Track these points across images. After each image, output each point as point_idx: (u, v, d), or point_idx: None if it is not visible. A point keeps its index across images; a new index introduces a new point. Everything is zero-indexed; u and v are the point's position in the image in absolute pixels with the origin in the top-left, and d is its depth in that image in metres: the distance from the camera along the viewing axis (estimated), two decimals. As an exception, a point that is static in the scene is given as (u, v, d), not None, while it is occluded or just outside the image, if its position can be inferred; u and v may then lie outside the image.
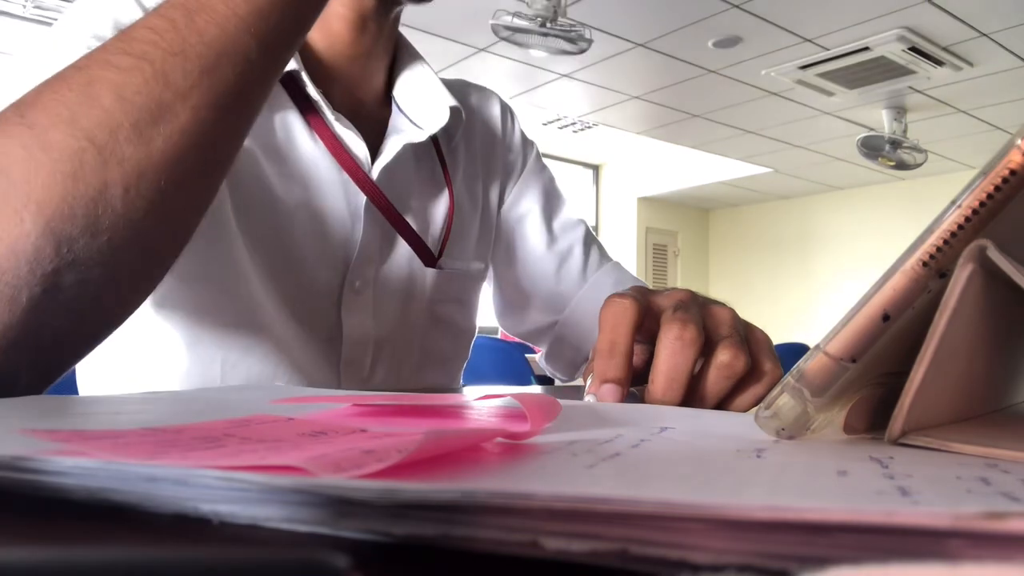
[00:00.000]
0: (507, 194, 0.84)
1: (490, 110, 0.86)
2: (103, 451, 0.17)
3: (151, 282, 0.44)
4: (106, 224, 0.38)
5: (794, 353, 2.60)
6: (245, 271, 0.61)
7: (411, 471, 0.18)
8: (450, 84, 0.78)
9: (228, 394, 0.40)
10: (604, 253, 0.86)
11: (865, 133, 4.57)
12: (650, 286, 0.56)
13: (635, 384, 0.49)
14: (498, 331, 2.69)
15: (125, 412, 0.30)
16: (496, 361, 2.50)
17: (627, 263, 1.40)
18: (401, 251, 0.70)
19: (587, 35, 3.00)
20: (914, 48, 3.53)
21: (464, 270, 0.76)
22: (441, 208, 0.75)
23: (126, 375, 0.62)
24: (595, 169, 6.72)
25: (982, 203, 0.23)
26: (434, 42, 3.56)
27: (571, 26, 2.99)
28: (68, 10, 0.59)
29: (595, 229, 6.57)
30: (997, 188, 0.23)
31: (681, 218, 7.13)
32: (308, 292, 0.65)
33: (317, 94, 0.65)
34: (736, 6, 3.24)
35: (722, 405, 0.46)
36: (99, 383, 0.64)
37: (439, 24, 3.46)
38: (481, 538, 0.13)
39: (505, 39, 3.11)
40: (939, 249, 0.24)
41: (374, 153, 0.68)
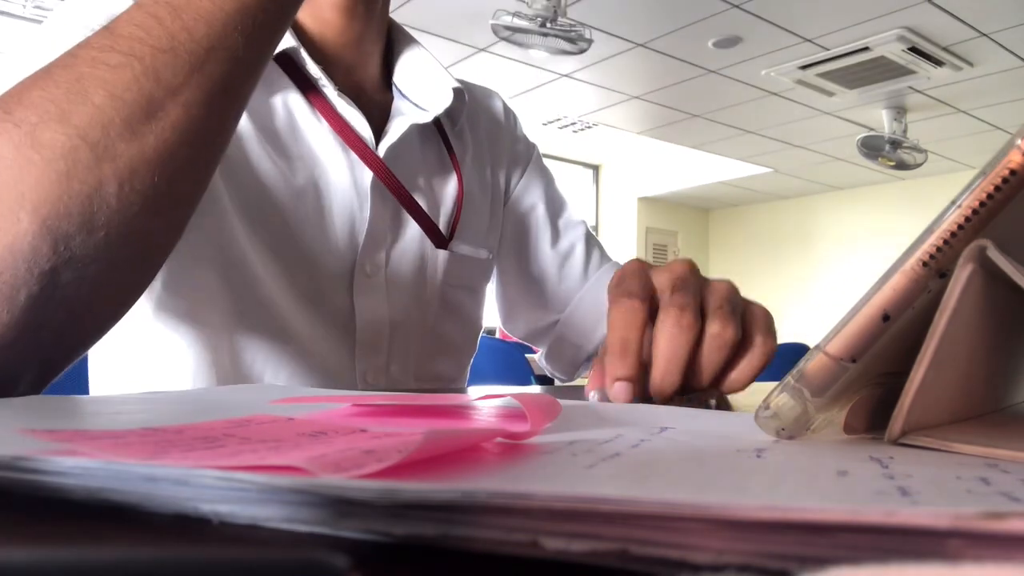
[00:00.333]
0: (512, 187, 0.84)
1: (493, 103, 0.86)
2: (103, 451, 0.17)
3: (146, 276, 0.44)
4: (102, 221, 0.38)
5: (794, 353, 2.59)
6: (246, 257, 0.61)
7: (411, 471, 0.18)
8: None
9: (228, 394, 0.40)
10: (604, 253, 0.86)
11: (865, 133, 4.57)
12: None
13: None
14: (498, 331, 2.69)
15: (125, 412, 0.30)
16: (496, 361, 2.50)
17: (627, 263, 1.39)
18: (411, 232, 0.70)
19: (587, 35, 3.00)
20: (914, 48, 3.53)
21: (474, 256, 0.76)
22: (450, 190, 0.74)
23: (136, 371, 0.61)
24: (595, 169, 6.72)
25: (982, 203, 0.23)
26: (434, 42, 3.56)
27: (571, 26, 2.99)
28: (60, 5, 0.58)
29: (595, 229, 6.57)
30: (997, 188, 0.23)
31: (681, 218, 7.13)
32: (318, 276, 0.64)
33: (319, 71, 0.64)
34: (736, 6, 3.24)
35: (718, 382, 0.46)
36: (110, 381, 0.64)
37: (439, 24, 3.46)
38: (481, 538, 0.13)
39: (505, 39, 3.11)
40: (939, 249, 0.24)
41: (378, 137, 0.68)
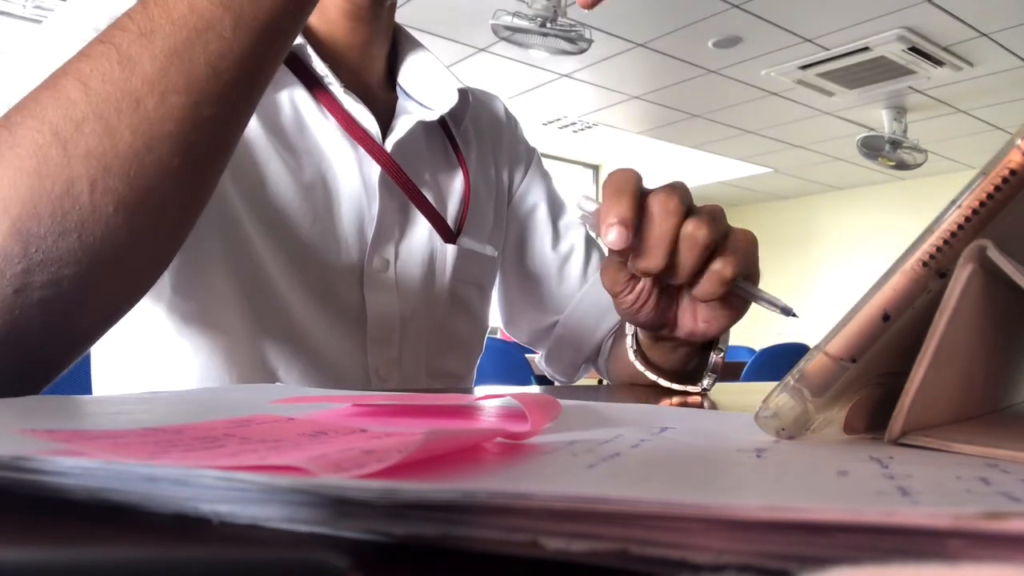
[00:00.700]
0: (516, 187, 0.85)
1: (495, 105, 0.87)
2: (103, 451, 0.17)
3: (138, 282, 0.42)
4: (74, 222, 0.36)
5: (794, 353, 2.59)
6: (257, 255, 0.60)
7: (411, 471, 0.18)
8: None
9: (228, 394, 0.40)
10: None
11: (865, 133, 4.57)
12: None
13: (654, 329, 0.57)
14: (499, 331, 2.69)
15: (125, 412, 0.30)
16: (497, 361, 2.50)
17: (627, 263, 1.39)
18: (420, 228, 0.70)
19: (587, 35, 3.00)
20: (914, 48, 3.53)
21: (481, 252, 0.76)
22: (457, 187, 0.75)
23: (145, 373, 0.61)
24: (595, 169, 6.71)
25: (982, 203, 0.23)
26: (434, 42, 3.56)
27: (571, 26, 2.99)
28: (61, 5, 0.57)
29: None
30: (997, 188, 0.23)
31: (681, 218, 7.12)
32: (328, 271, 0.64)
33: (325, 68, 0.64)
34: (736, 6, 3.24)
35: (694, 284, 0.50)
36: (114, 378, 0.63)
37: (439, 24, 3.46)
38: (481, 538, 0.13)
39: (505, 39, 3.11)
40: (939, 249, 0.24)
41: (383, 135, 0.68)
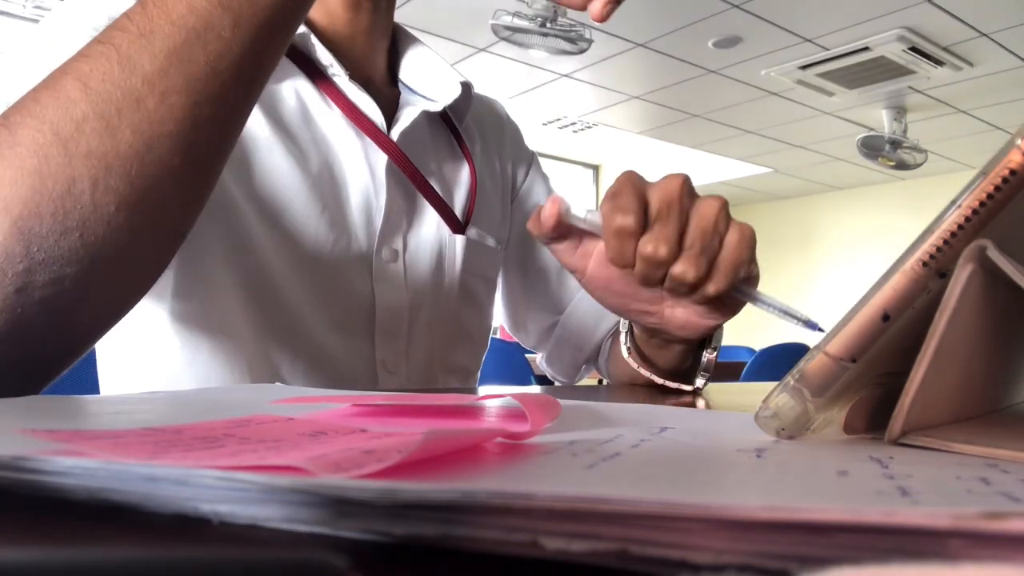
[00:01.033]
0: (519, 183, 0.85)
1: (496, 107, 0.88)
2: (103, 451, 0.17)
3: (140, 280, 0.42)
4: (75, 221, 0.36)
5: (794, 353, 2.59)
6: (262, 250, 0.60)
7: (411, 471, 0.18)
8: None
9: (228, 394, 0.40)
10: None
11: (865, 133, 4.57)
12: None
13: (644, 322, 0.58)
14: (499, 331, 2.69)
15: (125, 412, 0.30)
16: (496, 361, 2.50)
17: (627, 263, 1.39)
18: (428, 218, 0.70)
19: (587, 35, 3.00)
20: (914, 48, 3.53)
21: (490, 244, 0.76)
22: (463, 178, 0.75)
23: (147, 367, 0.61)
24: (595, 169, 6.71)
25: (982, 203, 0.23)
26: (434, 42, 3.56)
27: (571, 26, 2.99)
28: (61, 6, 0.57)
29: (595, 229, 6.56)
30: (997, 188, 0.23)
31: (681, 218, 7.12)
32: (336, 263, 0.63)
33: (331, 57, 0.64)
34: (736, 6, 3.24)
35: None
36: (119, 378, 0.63)
37: (439, 24, 3.46)
38: (481, 538, 0.13)
39: (505, 39, 3.11)
40: (939, 249, 0.24)
41: (388, 127, 0.68)
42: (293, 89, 0.64)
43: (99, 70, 0.37)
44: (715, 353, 0.59)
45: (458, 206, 0.73)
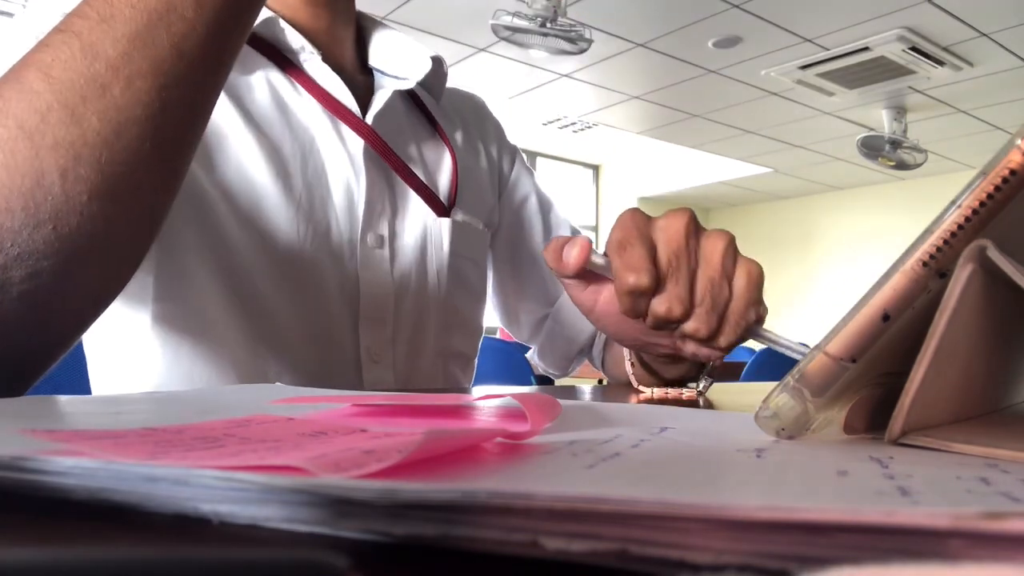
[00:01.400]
0: (507, 173, 0.85)
1: (476, 100, 0.87)
2: (103, 451, 0.17)
3: (120, 270, 0.42)
4: (47, 213, 0.36)
5: (794, 353, 2.58)
6: (239, 245, 0.59)
7: (411, 471, 0.18)
8: None
9: (228, 394, 0.40)
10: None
11: (865, 133, 4.57)
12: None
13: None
14: (498, 331, 2.69)
15: (125, 412, 0.30)
16: (496, 361, 2.50)
17: (627, 263, 1.40)
18: (412, 203, 0.69)
19: (587, 35, 3.00)
20: (914, 48, 3.53)
21: (475, 226, 0.75)
22: (444, 162, 0.74)
23: (132, 368, 0.60)
24: (595, 169, 6.72)
25: (982, 203, 0.23)
26: (434, 42, 3.56)
27: (571, 26, 2.99)
28: (31, 4, 0.56)
29: (595, 229, 6.57)
30: (997, 188, 0.23)
31: (681, 218, 7.12)
32: (318, 251, 0.63)
33: (302, 39, 0.63)
34: (736, 6, 3.24)
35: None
36: (109, 376, 0.62)
37: (439, 24, 3.46)
38: (481, 538, 0.13)
39: (505, 39, 3.11)
40: (939, 249, 0.24)
41: (364, 112, 0.67)
42: (264, 79, 0.64)
43: (61, 59, 0.36)
44: (720, 358, 0.59)
45: (441, 189, 0.72)
